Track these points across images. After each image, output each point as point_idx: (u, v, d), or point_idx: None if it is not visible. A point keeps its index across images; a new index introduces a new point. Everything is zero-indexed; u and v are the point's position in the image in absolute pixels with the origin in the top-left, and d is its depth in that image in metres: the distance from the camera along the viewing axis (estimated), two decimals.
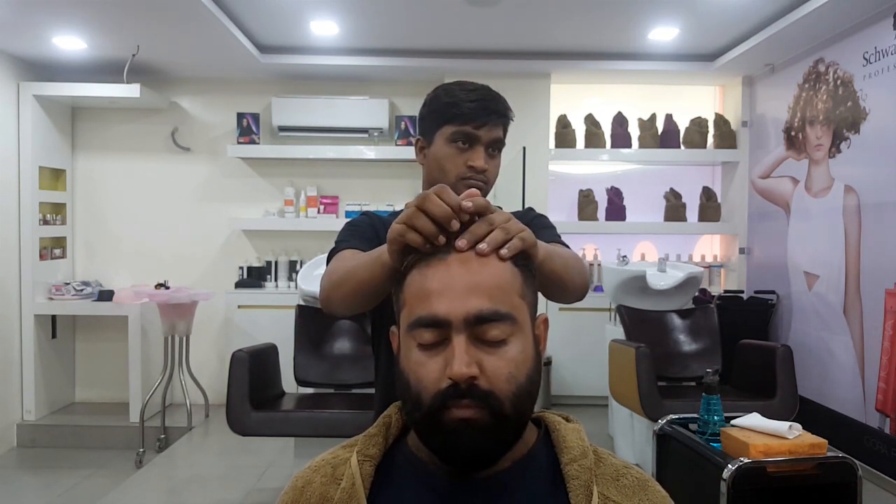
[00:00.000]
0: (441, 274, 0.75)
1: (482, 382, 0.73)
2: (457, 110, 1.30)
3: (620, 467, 0.83)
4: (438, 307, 0.74)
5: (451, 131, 1.31)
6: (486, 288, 0.74)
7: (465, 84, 1.34)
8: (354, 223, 1.37)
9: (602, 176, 5.01)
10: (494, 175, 1.36)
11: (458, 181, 1.31)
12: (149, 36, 3.87)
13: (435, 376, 0.74)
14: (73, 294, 4.41)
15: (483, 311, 0.73)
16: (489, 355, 0.74)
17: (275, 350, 3.27)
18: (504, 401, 0.73)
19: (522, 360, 0.76)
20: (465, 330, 0.73)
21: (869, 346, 3.42)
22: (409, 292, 0.78)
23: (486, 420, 0.72)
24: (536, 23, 3.86)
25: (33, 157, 4.28)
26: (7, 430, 4.22)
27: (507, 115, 1.34)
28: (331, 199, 4.77)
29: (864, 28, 3.49)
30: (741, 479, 1.98)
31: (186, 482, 3.53)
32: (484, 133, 1.30)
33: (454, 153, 1.31)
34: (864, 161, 3.49)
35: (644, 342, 3.30)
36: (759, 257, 4.60)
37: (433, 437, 0.75)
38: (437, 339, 0.74)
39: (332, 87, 4.77)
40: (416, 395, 0.75)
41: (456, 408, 0.72)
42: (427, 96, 1.38)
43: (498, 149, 1.35)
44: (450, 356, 0.73)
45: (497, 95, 1.34)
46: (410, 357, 0.76)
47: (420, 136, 1.38)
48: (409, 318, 0.77)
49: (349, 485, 0.79)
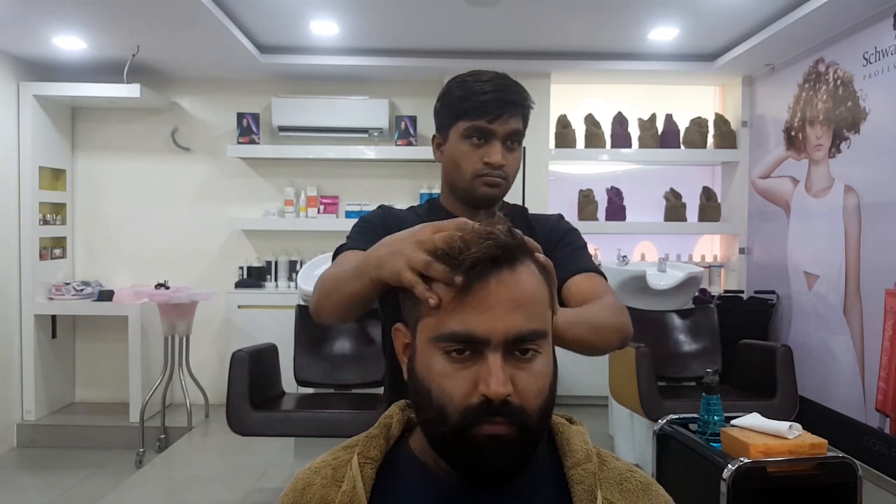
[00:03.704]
0: (477, 287, 0.72)
1: (514, 399, 0.71)
2: (469, 104, 1.24)
3: (624, 471, 0.82)
4: (476, 325, 0.71)
5: (465, 127, 1.25)
6: (525, 305, 0.73)
7: (480, 74, 1.28)
8: (366, 220, 1.32)
9: (602, 176, 5.01)
10: (515, 169, 1.29)
11: (475, 178, 1.26)
12: (149, 36, 3.87)
13: (464, 391, 0.72)
14: (73, 294, 4.41)
15: (522, 331, 0.72)
16: (520, 371, 0.73)
17: (275, 350, 3.27)
18: (533, 416, 0.73)
19: (547, 372, 0.75)
20: (503, 348, 0.72)
21: (869, 346, 3.42)
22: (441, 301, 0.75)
23: (515, 435, 0.72)
24: (536, 23, 3.86)
25: (33, 157, 4.28)
26: (7, 430, 4.22)
27: (525, 104, 1.27)
28: (331, 199, 4.77)
29: (864, 28, 3.49)
30: (741, 479, 1.97)
31: (186, 482, 3.53)
32: (499, 126, 1.24)
33: (469, 150, 1.25)
34: (864, 161, 3.49)
35: (644, 342, 3.30)
36: (759, 257, 4.60)
37: (459, 453, 0.73)
38: (469, 353, 0.72)
39: (332, 87, 4.77)
40: (439, 407, 0.73)
41: (488, 424, 0.71)
42: (442, 90, 1.32)
43: (517, 141, 1.27)
44: (484, 374, 0.71)
45: (513, 84, 1.27)
46: (433, 367, 0.74)
47: (436, 133, 1.33)
48: (436, 330, 0.74)
49: (350, 488, 0.78)
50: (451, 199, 1.34)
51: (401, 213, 1.37)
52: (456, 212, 1.30)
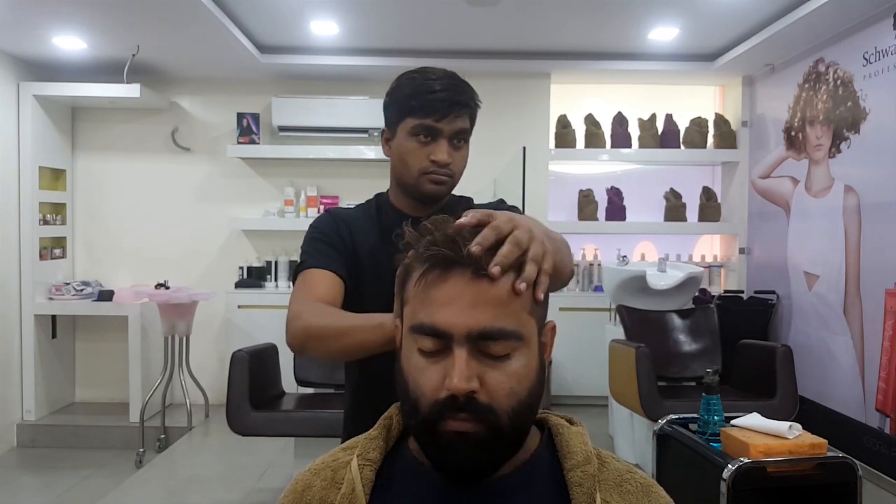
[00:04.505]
0: (448, 282, 0.73)
1: (482, 396, 0.71)
2: (417, 102, 1.23)
3: (624, 472, 0.82)
4: (440, 318, 0.72)
5: (413, 125, 1.24)
6: (493, 304, 0.72)
7: (429, 73, 1.27)
8: (318, 230, 1.31)
9: (602, 176, 5.01)
10: (460, 167, 1.30)
11: (421, 176, 1.26)
12: (149, 36, 3.87)
13: (434, 385, 0.72)
14: (73, 294, 4.41)
15: (486, 328, 0.71)
16: (491, 369, 0.72)
17: (275, 350, 3.27)
18: (502, 416, 0.72)
19: (525, 374, 0.74)
20: (467, 344, 0.71)
21: (869, 346, 3.42)
22: (414, 291, 0.76)
23: (483, 434, 0.71)
24: (536, 23, 3.86)
25: (33, 157, 4.28)
26: (7, 430, 4.22)
27: (472, 104, 1.27)
28: (331, 199, 4.77)
29: (864, 28, 3.49)
30: (741, 479, 1.97)
31: (186, 482, 3.53)
32: (446, 125, 1.23)
33: (416, 147, 1.25)
34: (864, 161, 3.49)
35: (644, 342, 3.30)
36: (759, 257, 4.60)
37: (429, 447, 0.74)
38: (439, 348, 0.72)
39: (332, 87, 4.77)
40: (413, 400, 0.74)
41: (453, 420, 0.71)
42: (391, 85, 1.31)
43: (464, 139, 1.27)
44: (450, 368, 0.71)
45: (461, 83, 1.27)
46: (411, 359, 0.75)
47: (385, 128, 1.33)
48: (411, 320, 0.75)
49: (349, 490, 0.78)
50: (399, 195, 1.35)
51: (350, 212, 1.37)
52: (403, 208, 1.33)
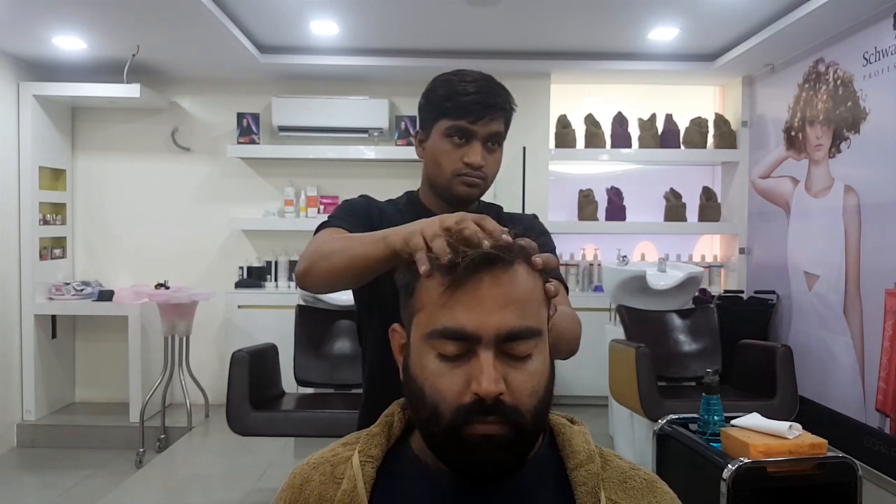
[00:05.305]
0: (470, 284, 0.72)
1: (507, 398, 0.71)
2: (451, 104, 1.24)
3: (627, 469, 0.82)
4: (467, 321, 0.71)
5: (447, 126, 1.25)
6: (517, 302, 0.72)
7: (464, 75, 1.28)
8: (351, 203, 1.34)
9: (602, 176, 5.01)
10: (494, 170, 1.30)
11: (454, 177, 1.27)
12: (149, 36, 3.87)
13: (457, 389, 0.71)
14: (73, 294, 4.41)
15: (514, 328, 0.71)
16: (514, 370, 0.72)
17: (275, 350, 3.27)
18: (527, 415, 0.72)
19: (543, 371, 0.74)
20: (494, 346, 0.71)
21: (869, 346, 3.42)
22: (430, 297, 0.74)
23: (509, 435, 0.71)
24: (536, 23, 3.86)
25: (33, 157, 4.28)
26: (7, 430, 4.22)
27: (507, 107, 1.28)
28: (331, 199, 4.77)
29: (864, 28, 3.49)
30: (741, 480, 1.97)
31: (186, 482, 3.53)
32: (481, 128, 1.25)
33: (450, 149, 1.26)
34: (864, 161, 3.49)
35: (644, 342, 3.30)
36: (759, 257, 4.60)
37: (452, 452, 0.73)
38: (462, 351, 0.72)
39: (332, 87, 4.77)
40: (433, 406, 0.72)
41: (480, 424, 0.70)
42: (427, 87, 1.32)
43: (498, 143, 1.29)
44: (476, 371, 0.70)
45: (497, 87, 1.28)
46: (426, 366, 0.74)
47: (419, 129, 1.34)
48: (428, 326, 0.74)
49: (350, 487, 0.77)
50: (430, 196, 1.35)
51: (382, 203, 1.38)
52: (433, 208, 1.33)
